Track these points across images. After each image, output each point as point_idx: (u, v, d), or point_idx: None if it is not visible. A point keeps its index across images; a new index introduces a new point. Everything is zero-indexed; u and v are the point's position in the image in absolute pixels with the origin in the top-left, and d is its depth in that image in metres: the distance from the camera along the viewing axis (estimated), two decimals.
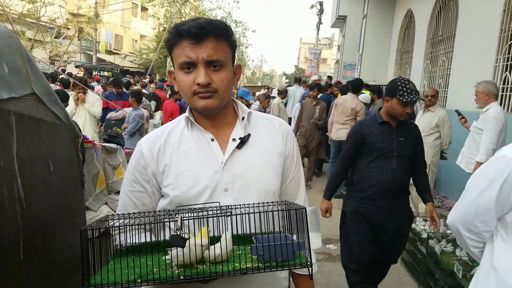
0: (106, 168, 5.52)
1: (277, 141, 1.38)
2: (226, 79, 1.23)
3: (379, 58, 13.79)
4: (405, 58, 12.39)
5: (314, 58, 22.83)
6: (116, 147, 5.88)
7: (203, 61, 1.19)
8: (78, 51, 29.02)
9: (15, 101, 1.22)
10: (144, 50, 33.76)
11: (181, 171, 1.27)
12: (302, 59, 55.31)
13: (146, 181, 1.31)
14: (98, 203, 5.24)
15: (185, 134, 1.32)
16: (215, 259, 1.03)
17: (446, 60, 8.97)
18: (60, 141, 1.54)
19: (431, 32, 9.99)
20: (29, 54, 1.42)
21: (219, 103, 1.25)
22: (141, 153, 1.32)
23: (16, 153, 1.20)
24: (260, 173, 1.29)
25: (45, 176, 1.38)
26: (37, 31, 22.17)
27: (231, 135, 1.32)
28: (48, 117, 1.43)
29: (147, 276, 0.97)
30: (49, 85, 1.50)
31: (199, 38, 1.18)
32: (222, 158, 1.28)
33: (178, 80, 1.25)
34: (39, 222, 1.26)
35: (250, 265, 1.01)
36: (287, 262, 1.03)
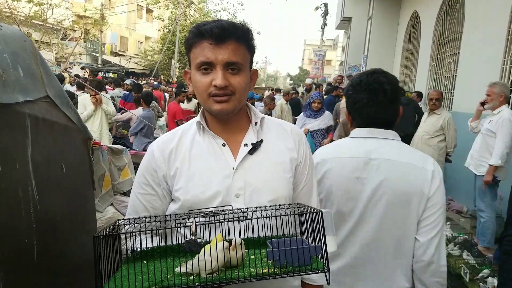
0: (112, 169, 5.54)
1: (289, 147, 1.36)
2: (243, 82, 1.22)
3: (384, 60, 13.72)
4: (410, 60, 12.35)
5: (319, 59, 22.81)
6: (122, 148, 5.91)
7: (222, 63, 1.18)
8: (84, 53, 29.18)
9: (30, 104, 1.24)
10: (149, 51, 33.90)
11: (192, 175, 1.26)
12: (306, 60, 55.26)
13: (157, 184, 1.30)
14: (104, 204, 5.26)
15: (197, 138, 1.31)
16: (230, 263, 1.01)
17: (452, 62, 8.93)
18: (72, 143, 1.56)
19: (437, 34, 9.95)
20: (43, 57, 1.44)
21: (235, 106, 1.24)
22: (153, 156, 1.32)
23: (30, 155, 1.21)
24: (272, 179, 1.27)
25: (58, 177, 1.40)
26: (44, 33, 22.33)
27: (243, 141, 1.31)
28: (61, 119, 1.44)
29: (161, 283, 0.94)
30: (61, 88, 1.52)
31: (221, 39, 1.17)
32: (233, 164, 1.27)
33: (194, 81, 1.23)
34: (52, 223, 1.28)
35: (266, 270, 0.99)
36: (303, 267, 1.01)
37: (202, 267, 0.96)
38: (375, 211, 1.61)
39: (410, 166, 1.60)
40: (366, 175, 1.62)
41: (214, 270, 0.98)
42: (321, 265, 1.02)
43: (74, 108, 1.55)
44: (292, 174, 1.34)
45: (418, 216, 1.59)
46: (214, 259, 0.97)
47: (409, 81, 12.30)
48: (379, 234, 1.62)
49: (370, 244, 1.63)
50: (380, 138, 1.66)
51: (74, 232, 1.48)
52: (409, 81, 12.30)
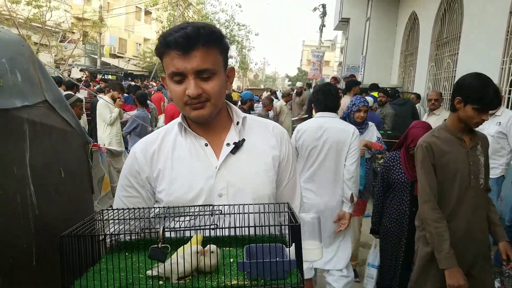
0: (111, 171, 5.55)
1: (271, 145, 1.37)
2: (217, 86, 1.22)
3: (382, 60, 13.76)
4: (409, 60, 12.37)
5: (317, 60, 22.83)
6: (121, 150, 5.91)
7: (192, 72, 1.17)
8: (83, 55, 29.18)
9: (28, 109, 1.24)
10: (148, 53, 33.92)
11: (175, 176, 1.27)
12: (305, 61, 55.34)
13: (141, 186, 1.31)
14: (103, 206, 5.27)
15: (179, 140, 1.32)
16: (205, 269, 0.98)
17: (451, 63, 8.95)
18: (70, 147, 1.55)
19: (435, 34, 9.97)
20: (41, 61, 1.44)
21: (211, 111, 1.24)
22: (135, 157, 1.32)
23: (29, 160, 1.21)
24: (254, 178, 1.28)
25: (57, 182, 1.39)
26: (43, 35, 22.32)
27: (225, 140, 1.32)
28: (59, 124, 1.44)
29: (127, 286, 0.94)
30: (60, 92, 1.51)
31: (187, 49, 1.15)
32: (216, 163, 1.28)
33: (170, 90, 1.24)
34: (51, 228, 1.27)
35: (236, 282, 0.96)
36: (276, 282, 0.96)
37: (173, 271, 0.94)
38: (325, 152, 3.33)
39: (341, 129, 3.37)
40: (320, 134, 3.35)
41: (186, 274, 0.96)
42: (295, 280, 0.97)
43: (72, 112, 1.54)
44: (275, 172, 1.35)
45: (345, 153, 3.33)
46: (187, 263, 0.95)
47: (408, 81, 12.31)
48: (327, 163, 3.35)
49: (322, 169, 3.35)
50: (327, 117, 3.44)
51: None
52: (408, 81, 12.31)
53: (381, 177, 3.33)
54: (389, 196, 3.28)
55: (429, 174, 2.37)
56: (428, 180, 2.36)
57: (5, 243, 1.11)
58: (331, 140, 3.32)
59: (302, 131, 3.42)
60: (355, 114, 4.11)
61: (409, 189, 3.12)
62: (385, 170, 3.29)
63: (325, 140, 3.33)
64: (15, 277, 1.16)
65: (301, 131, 3.43)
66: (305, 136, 3.38)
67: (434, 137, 2.43)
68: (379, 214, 3.40)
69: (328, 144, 3.32)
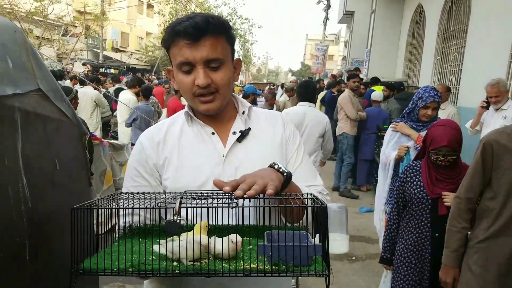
0: (114, 165, 5.54)
1: (277, 132, 1.37)
2: (226, 77, 1.22)
3: (387, 54, 13.65)
4: (414, 54, 12.24)
5: (321, 54, 22.69)
6: (123, 144, 5.90)
7: (201, 61, 1.17)
8: (85, 49, 29.14)
9: (20, 97, 1.18)
10: (150, 47, 33.83)
11: (182, 164, 1.27)
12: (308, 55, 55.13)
13: (149, 174, 1.30)
14: None
15: (185, 128, 1.32)
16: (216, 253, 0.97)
17: (458, 56, 8.83)
18: (66, 138, 1.50)
19: (442, 27, 9.84)
20: (35, 49, 1.37)
21: (221, 104, 1.25)
22: (142, 147, 1.32)
23: (21, 151, 1.15)
24: (262, 165, 1.22)
25: (51, 174, 1.33)
26: (45, 29, 22.29)
27: (232, 129, 1.32)
28: (54, 113, 1.38)
29: (138, 266, 0.91)
30: (55, 81, 1.45)
31: (196, 38, 1.15)
32: (223, 151, 1.28)
33: (178, 81, 1.24)
34: (45, 222, 1.22)
35: (255, 266, 0.91)
36: (299, 268, 0.90)
37: (183, 255, 0.92)
38: (306, 134, 4.20)
39: (318, 116, 4.50)
40: (303, 121, 4.33)
41: (196, 258, 0.94)
42: (320, 267, 0.91)
43: (68, 102, 1.48)
44: (283, 158, 1.34)
45: (322, 133, 4.44)
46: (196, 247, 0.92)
47: (413, 75, 12.20)
48: (309, 142, 4.26)
49: None
50: (307, 106, 4.46)
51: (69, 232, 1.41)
52: (413, 75, 12.20)
53: (396, 192, 2.70)
54: (405, 216, 2.63)
55: (473, 177, 2.09)
56: (471, 181, 2.10)
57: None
58: (310, 126, 4.39)
59: (289, 115, 4.26)
60: (420, 112, 3.14)
61: (430, 208, 2.48)
62: (401, 183, 2.65)
63: (306, 125, 4.37)
64: (6, 273, 1.10)
65: (289, 115, 4.28)
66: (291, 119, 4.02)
67: (504, 134, 2.03)
68: (391, 239, 2.74)
69: (308, 129, 4.38)
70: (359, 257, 4.60)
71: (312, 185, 1.34)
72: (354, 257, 4.56)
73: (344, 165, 7.22)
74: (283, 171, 1.11)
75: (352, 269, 4.34)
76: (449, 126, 2.50)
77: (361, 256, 4.61)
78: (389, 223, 2.76)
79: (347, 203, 5.81)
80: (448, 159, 2.42)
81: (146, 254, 0.95)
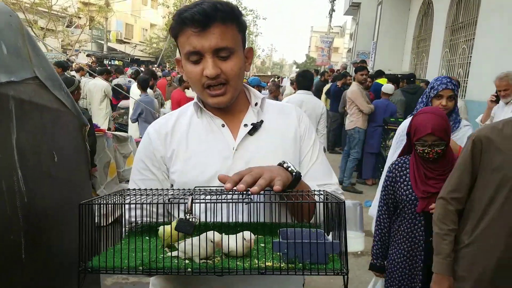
0: (117, 156, 5.50)
1: (290, 125, 1.32)
2: (236, 67, 1.16)
3: (394, 46, 13.52)
4: (422, 46, 12.10)
5: (326, 46, 22.50)
6: (127, 136, 5.85)
7: (210, 50, 1.12)
8: (89, 40, 29.08)
9: (14, 85, 1.10)
10: (154, 39, 33.71)
11: (190, 156, 1.22)
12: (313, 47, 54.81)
13: (157, 167, 1.26)
14: (109, 191, 5.22)
15: (195, 120, 1.28)
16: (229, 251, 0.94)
17: (466, 48, 8.72)
18: (65, 129, 1.42)
19: (450, 19, 9.69)
20: (32, 35, 1.30)
21: (231, 96, 1.20)
22: (149, 139, 1.28)
23: (16, 143, 1.08)
24: (274, 160, 1.17)
25: (49, 167, 1.26)
26: (49, 20, 22.21)
27: (243, 121, 1.27)
28: (51, 103, 1.31)
29: (149, 264, 0.87)
30: (53, 69, 1.38)
31: (204, 25, 1.09)
32: (233, 144, 1.22)
33: (186, 71, 1.19)
34: (42, 218, 1.16)
35: (270, 264, 0.88)
36: (316, 266, 0.87)
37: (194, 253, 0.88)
38: None
39: (315, 102, 5.09)
40: (301, 106, 4.45)
41: (208, 256, 0.91)
42: (338, 265, 0.88)
43: (67, 91, 1.41)
44: (297, 152, 1.30)
45: (318, 119, 4.92)
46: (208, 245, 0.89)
47: (420, 68, 12.06)
48: None
49: None
50: (305, 94, 4.98)
51: (68, 228, 1.35)
52: (420, 68, 12.06)
53: (384, 193, 2.37)
54: (397, 219, 2.34)
55: (462, 174, 1.91)
56: (459, 179, 1.91)
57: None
58: (309, 112, 4.64)
59: (290, 102, 4.48)
60: (434, 103, 2.74)
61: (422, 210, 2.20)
62: (390, 183, 2.34)
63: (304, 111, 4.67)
64: (2, 271, 1.04)
65: (290, 102, 4.68)
66: None
67: (494, 130, 1.85)
68: (383, 244, 2.43)
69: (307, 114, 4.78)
70: (364, 252, 4.52)
71: (326, 183, 1.29)
72: (359, 252, 4.50)
73: (350, 160, 7.13)
74: (292, 171, 1.07)
75: (358, 264, 4.28)
76: (433, 112, 2.24)
77: (366, 251, 4.55)
78: (378, 227, 2.45)
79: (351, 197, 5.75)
80: (435, 150, 2.15)
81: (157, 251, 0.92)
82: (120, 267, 0.87)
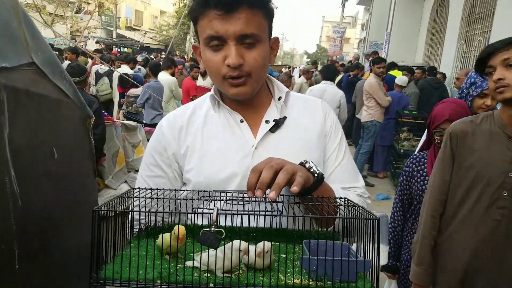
0: (126, 146, 5.40)
1: (316, 123, 1.23)
2: (261, 57, 1.06)
3: (408, 37, 13.33)
4: (436, 38, 11.86)
5: (338, 36, 22.22)
6: (136, 125, 5.73)
7: (234, 36, 1.02)
8: (99, 27, 28.99)
9: (7, 72, 0.96)
10: (164, 26, 33.52)
11: (205, 154, 1.14)
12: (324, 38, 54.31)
13: (167, 164, 1.18)
14: (117, 181, 5.13)
15: (211, 114, 1.19)
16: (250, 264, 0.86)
17: (482, 41, 8.53)
18: (66, 121, 1.28)
19: (466, 10, 9.46)
20: (29, 16, 1.16)
21: (254, 88, 1.11)
22: (161, 132, 1.19)
23: (8, 138, 0.95)
24: (297, 160, 1.07)
25: (48, 165, 1.13)
26: (58, 5, 22.09)
27: (264, 117, 1.18)
28: (51, 92, 1.16)
29: (168, 278, 0.80)
30: (53, 54, 1.23)
31: (230, 8, 1.00)
32: (253, 142, 1.14)
33: (205, 59, 1.09)
34: (39, 222, 1.03)
35: (298, 281, 0.82)
36: (346, 285, 0.81)
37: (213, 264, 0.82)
38: None
39: (335, 92, 5.87)
40: (323, 94, 5.63)
41: (226, 269, 0.84)
42: (369, 284, 0.82)
43: (70, 80, 1.26)
44: (321, 152, 1.21)
45: (338, 105, 5.75)
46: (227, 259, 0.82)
47: (434, 60, 11.83)
48: None
49: None
50: (327, 84, 5.95)
51: (71, 232, 1.22)
52: (434, 60, 11.83)
53: (400, 189, 2.28)
54: (411, 217, 2.23)
55: (442, 171, 1.77)
56: (442, 179, 1.76)
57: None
58: (329, 99, 5.51)
59: (312, 91, 5.93)
60: (476, 103, 2.33)
61: None
62: (406, 177, 2.24)
63: (325, 98, 5.27)
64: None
65: (312, 91, 5.94)
66: (314, 95, 5.20)
67: (472, 124, 1.72)
68: (396, 243, 2.29)
69: (327, 102, 5.25)
70: None
71: (352, 187, 1.20)
72: None
73: (362, 153, 7.00)
74: (314, 172, 1.00)
75: None
76: (452, 102, 2.13)
77: None
78: (392, 225, 2.32)
79: None
80: None
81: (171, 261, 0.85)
82: (136, 280, 0.80)
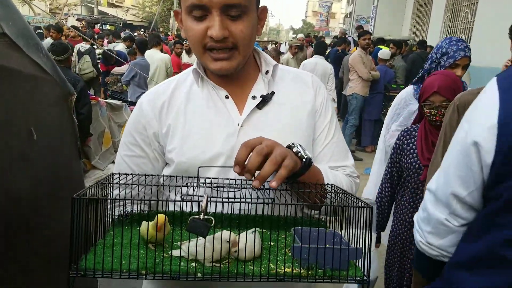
0: (112, 125, 5.29)
1: (307, 99, 1.18)
2: (247, 29, 1.00)
3: (394, 11, 13.31)
4: (423, 10, 11.83)
5: (325, 11, 21.97)
6: (121, 104, 5.60)
7: (218, 6, 0.95)
8: (79, 4, 28.14)
9: None
10: (147, 2, 32.73)
11: (188, 133, 1.10)
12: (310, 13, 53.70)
13: (147, 144, 1.14)
14: (104, 162, 5.04)
15: (194, 90, 1.14)
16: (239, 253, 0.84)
17: (469, 13, 8.52)
18: (45, 99, 1.18)
19: None
20: None
21: (238, 63, 1.04)
22: (141, 110, 1.14)
23: None
24: (285, 138, 1.04)
25: (25, 148, 1.03)
26: None
27: (251, 92, 1.13)
28: (26, 67, 1.05)
29: (154, 268, 0.77)
30: (27, 25, 1.12)
31: None
32: (238, 119, 1.09)
33: (186, 28, 1.02)
34: (18, 209, 0.94)
35: (289, 270, 0.80)
36: (337, 273, 0.81)
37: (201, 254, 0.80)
38: None
39: (326, 65, 6.85)
40: (315, 67, 6.54)
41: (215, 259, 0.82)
42: (360, 273, 0.82)
43: (47, 53, 1.16)
44: (312, 130, 1.17)
45: (327, 77, 6.65)
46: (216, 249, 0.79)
47: (420, 33, 11.82)
48: None
49: None
50: (319, 58, 6.87)
51: (53, 218, 1.14)
52: (420, 33, 11.82)
53: (390, 161, 2.30)
54: (400, 189, 2.26)
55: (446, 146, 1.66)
56: None
57: None
58: (320, 72, 6.35)
59: (305, 65, 6.74)
60: None
61: None
62: (397, 150, 2.24)
63: (316, 71, 6.19)
64: None
65: (305, 65, 6.75)
66: (307, 68, 6.30)
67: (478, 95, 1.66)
68: (381, 213, 2.35)
69: (318, 75, 5.82)
70: None
71: (341, 166, 1.18)
72: None
73: (348, 127, 7.00)
74: (301, 156, 0.96)
75: None
76: (443, 74, 2.10)
77: None
78: (379, 195, 2.37)
79: None
80: (442, 112, 1.99)
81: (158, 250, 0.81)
82: (119, 270, 0.76)
